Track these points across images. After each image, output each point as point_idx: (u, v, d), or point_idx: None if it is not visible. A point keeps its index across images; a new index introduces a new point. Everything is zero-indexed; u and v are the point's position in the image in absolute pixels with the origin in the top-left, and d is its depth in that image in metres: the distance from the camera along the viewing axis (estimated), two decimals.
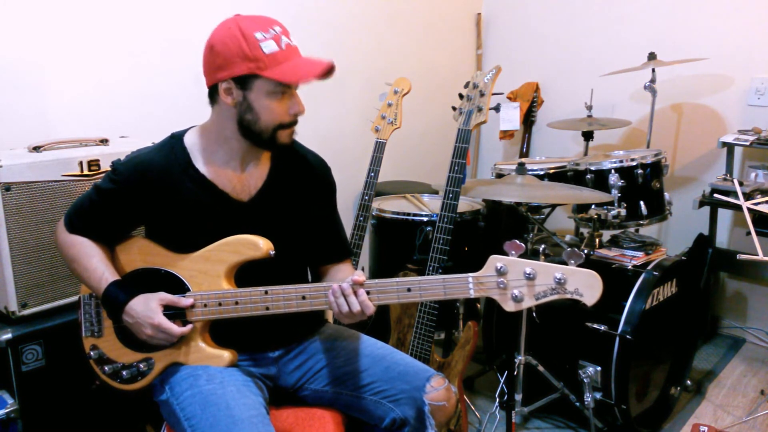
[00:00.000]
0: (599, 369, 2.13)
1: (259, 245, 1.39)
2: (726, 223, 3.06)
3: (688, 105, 3.12)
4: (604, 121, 2.97)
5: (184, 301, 1.41)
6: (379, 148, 2.23)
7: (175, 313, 1.41)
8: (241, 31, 1.32)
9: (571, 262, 1.18)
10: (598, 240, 2.36)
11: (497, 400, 2.38)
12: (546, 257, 2.18)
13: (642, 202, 2.36)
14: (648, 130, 2.88)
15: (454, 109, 1.97)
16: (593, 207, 2.27)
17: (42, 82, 2.01)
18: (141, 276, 1.48)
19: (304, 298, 1.36)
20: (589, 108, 3.01)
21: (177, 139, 1.48)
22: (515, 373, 2.19)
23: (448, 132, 2.24)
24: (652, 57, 2.78)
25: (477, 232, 2.43)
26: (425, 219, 2.33)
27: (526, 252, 2.20)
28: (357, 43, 3.00)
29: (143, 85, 2.25)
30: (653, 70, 2.82)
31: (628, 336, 2.05)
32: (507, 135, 3.43)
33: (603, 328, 2.11)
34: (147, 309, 1.39)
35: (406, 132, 2.48)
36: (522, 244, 1.22)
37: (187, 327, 1.41)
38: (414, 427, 1.46)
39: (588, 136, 3.00)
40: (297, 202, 1.55)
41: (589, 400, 2.12)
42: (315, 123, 2.81)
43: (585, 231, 2.43)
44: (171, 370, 1.44)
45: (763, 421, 2.39)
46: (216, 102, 1.42)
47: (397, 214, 2.39)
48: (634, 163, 2.35)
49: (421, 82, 3.22)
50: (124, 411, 1.84)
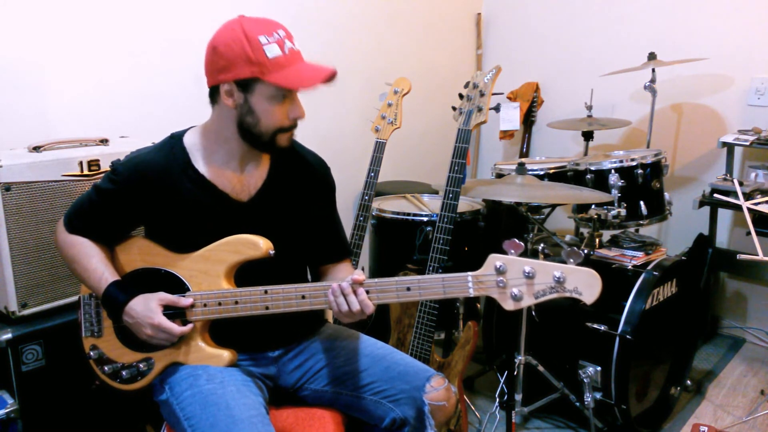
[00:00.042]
0: (599, 369, 2.13)
1: (259, 245, 1.39)
2: (726, 223, 3.06)
3: (688, 105, 3.11)
4: (604, 121, 2.97)
5: (183, 300, 1.41)
6: (379, 148, 2.23)
7: (174, 312, 1.42)
8: (245, 33, 1.31)
9: (570, 261, 1.18)
10: (598, 240, 2.36)
11: (497, 400, 2.38)
12: (545, 257, 2.18)
13: (642, 202, 2.36)
14: (648, 130, 2.88)
15: (454, 109, 1.97)
16: (593, 207, 2.27)
17: (42, 82, 2.01)
18: (141, 276, 1.48)
19: (304, 297, 1.36)
20: (589, 108, 3.01)
21: (176, 139, 1.48)
22: (515, 373, 2.19)
23: (448, 132, 2.24)
24: (652, 57, 2.78)
25: (477, 232, 2.42)
26: (425, 219, 2.33)
27: (526, 252, 2.20)
28: (357, 43, 3.00)
29: (143, 85, 2.26)
30: (653, 70, 2.82)
31: (628, 336, 2.05)
32: (507, 135, 3.43)
33: (603, 328, 2.11)
34: (147, 309, 1.40)
35: (406, 132, 2.48)
36: (521, 242, 1.22)
37: (188, 326, 1.41)
38: (414, 427, 1.46)
39: (588, 136, 3.00)
40: (296, 202, 1.55)
41: (589, 400, 2.12)
42: (315, 123, 2.81)
43: (585, 231, 2.43)
44: (171, 370, 1.44)
45: (763, 421, 2.39)
46: (216, 102, 1.42)
47: (397, 214, 2.39)
48: (634, 163, 2.35)
49: (421, 82, 3.22)
50: (124, 411, 1.84)
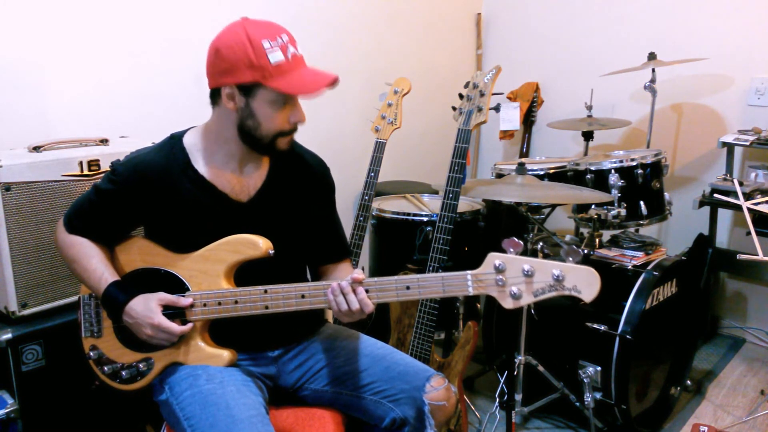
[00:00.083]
0: (599, 369, 2.13)
1: (259, 244, 1.39)
2: (726, 223, 3.06)
3: (688, 105, 3.11)
4: (604, 121, 2.97)
5: (183, 300, 1.41)
6: (379, 148, 2.23)
7: (174, 312, 1.42)
8: (248, 37, 1.31)
9: (570, 259, 1.18)
10: (598, 240, 2.36)
11: (497, 400, 2.38)
12: (545, 256, 2.18)
13: (642, 202, 2.36)
14: (648, 130, 2.87)
15: (454, 109, 1.97)
16: (593, 207, 2.27)
17: (42, 82, 2.01)
18: (141, 276, 1.48)
19: (304, 296, 1.36)
20: (589, 108, 3.01)
21: (176, 139, 1.48)
22: (515, 373, 2.19)
23: (448, 132, 2.24)
24: (652, 57, 2.78)
25: (477, 232, 2.42)
26: (425, 219, 2.33)
27: (526, 252, 2.20)
28: (357, 43, 3.01)
29: (143, 85, 2.26)
30: (653, 70, 2.82)
31: (628, 336, 2.05)
32: (507, 135, 3.43)
33: (603, 328, 2.11)
34: (146, 309, 1.40)
35: (406, 132, 2.48)
36: (520, 241, 1.22)
37: (187, 326, 1.41)
38: (414, 426, 1.46)
39: (588, 136, 3.00)
40: (296, 202, 1.55)
41: (589, 400, 2.12)
42: (315, 123, 2.80)
43: (585, 231, 2.43)
44: (170, 370, 1.44)
45: (763, 421, 2.38)
46: (217, 104, 1.42)
47: (397, 214, 2.39)
48: (634, 163, 2.35)
49: (421, 82, 3.22)
50: (124, 411, 1.84)
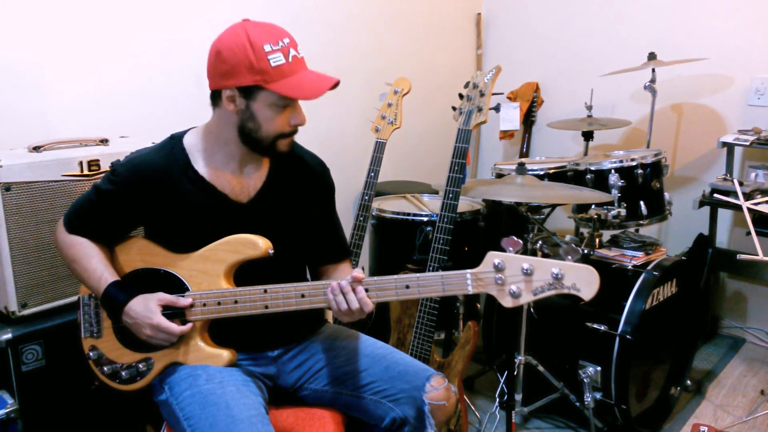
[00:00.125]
0: (599, 369, 2.13)
1: (258, 244, 1.39)
2: (726, 223, 3.06)
3: (688, 105, 3.11)
4: (604, 121, 2.97)
5: (182, 300, 1.41)
6: (379, 148, 2.23)
7: (174, 312, 1.42)
8: (249, 40, 1.31)
9: (569, 258, 1.18)
10: (598, 240, 2.36)
11: (497, 400, 2.38)
12: (544, 256, 2.18)
13: (642, 202, 2.36)
14: (648, 130, 2.87)
15: (454, 109, 1.97)
16: (593, 207, 2.26)
17: (42, 82, 2.01)
18: (140, 276, 1.48)
19: (303, 296, 1.36)
20: (589, 108, 3.01)
21: (176, 140, 1.48)
22: (515, 373, 2.19)
23: (448, 132, 2.24)
24: (652, 57, 2.78)
25: (477, 232, 2.42)
26: (425, 219, 2.33)
27: (526, 252, 2.19)
28: (357, 43, 3.01)
29: (143, 85, 2.26)
30: (653, 70, 2.82)
31: (628, 336, 2.05)
32: (507, 135, 3.43)
33: (603, 328, 2.10)
34: (146, 309, 1.40)
35: (406, 132, 2.48)
36: (519, 240, 1.22)
37: (187, 326, 1.41)
38: (414, 426, 1.46)
39: (588, 136, 3.00)
40: (296, 203, 1.55)
41: (589, 400, 2.12)
42: (315, 123, 2.79)
43: (585, 231, 2.43)
44: (170, 370, 1.44)
45: (763, 421, 2.38)
46: (218, 105, 1.42)
47: (397, 214, 2.39)
48: (634, 163, 2.35)
49: (421, 82, 3.22)
50: (124, 411, 1.84)
